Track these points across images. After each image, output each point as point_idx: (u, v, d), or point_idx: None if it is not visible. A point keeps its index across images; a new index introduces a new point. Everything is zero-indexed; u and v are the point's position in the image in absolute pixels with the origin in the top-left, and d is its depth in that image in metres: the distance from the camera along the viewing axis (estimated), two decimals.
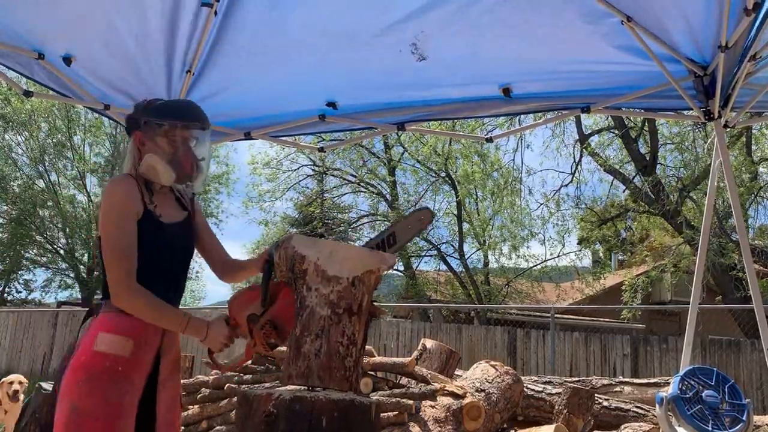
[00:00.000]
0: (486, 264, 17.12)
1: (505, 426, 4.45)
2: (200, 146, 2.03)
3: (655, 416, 3.80)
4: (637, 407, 4.68)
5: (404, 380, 4.47)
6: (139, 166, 1.93)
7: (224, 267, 2.13)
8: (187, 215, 2.04)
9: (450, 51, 3.17)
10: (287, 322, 1.70)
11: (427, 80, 3.41)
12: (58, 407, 1.79)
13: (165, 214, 1.95)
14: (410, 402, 3.82)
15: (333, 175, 18.53)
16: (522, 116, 11.14)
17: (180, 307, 2.02)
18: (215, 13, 3.01)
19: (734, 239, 11.38)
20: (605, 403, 4.71)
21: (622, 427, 4.40)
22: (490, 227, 16.78)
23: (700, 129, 12.54)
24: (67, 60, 3.26)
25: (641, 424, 4.38)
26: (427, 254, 17.54)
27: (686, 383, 3.27)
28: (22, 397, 4.65)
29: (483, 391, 4.21)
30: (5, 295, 21.64)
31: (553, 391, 4.77)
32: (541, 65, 3.24)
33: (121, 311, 1.83)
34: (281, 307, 1.74)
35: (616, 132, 13.57)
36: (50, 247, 20.41)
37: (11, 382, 4.68)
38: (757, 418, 4.38)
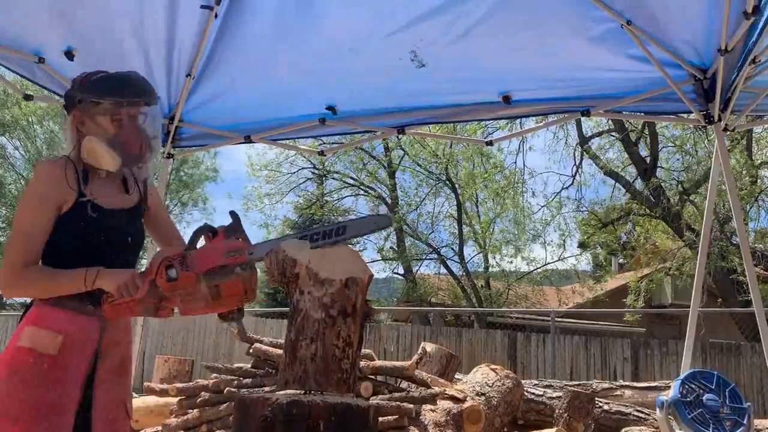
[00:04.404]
0: (486, 268, 17.10)
1: (505, 430, 4.44)
2: (150, 123, 1.75)
3: (656, 420, 3.78)
4: (637, 411, 4.66)
5: (404, 384, 4.45)
6: (81, 151, 1.68)
7: None
8: (137, 202, 1.82)
9: (449, 59, 3.17)
10: (200, 259, 1.57)
11: (427, 88, 3.41)
12: None
13: (107, 202, 1.72)
14: (410, 406, 3.80)
15: (333, 178, 18.54)
16: (523, 119, 11.16)
17: None
18: (216, 16, 3.01)
19: (735, 242, 11.36)
20: (606, 407, 4.69)
21: (623, 430, 4.38)
22: (491, 230, 16.77)
23: (701, 132, 12.53)
24: (69, 54, 3.22)
25: (642, 428, 4.36)
26: (428, 258, 17.53)
27: (687, 387, 3.26)
28: None
29: (483, 394, 4.20)
30: (3, 299, 21.59)
31: (554, 394, 4.75)
32: (541, 70, 3.24)
33: (54, 304, 1.62)
34: (198, 250, 1.61)
35: (617, 135, 13.57)
36: None
37: None
38: (758, 422, 4.36)
